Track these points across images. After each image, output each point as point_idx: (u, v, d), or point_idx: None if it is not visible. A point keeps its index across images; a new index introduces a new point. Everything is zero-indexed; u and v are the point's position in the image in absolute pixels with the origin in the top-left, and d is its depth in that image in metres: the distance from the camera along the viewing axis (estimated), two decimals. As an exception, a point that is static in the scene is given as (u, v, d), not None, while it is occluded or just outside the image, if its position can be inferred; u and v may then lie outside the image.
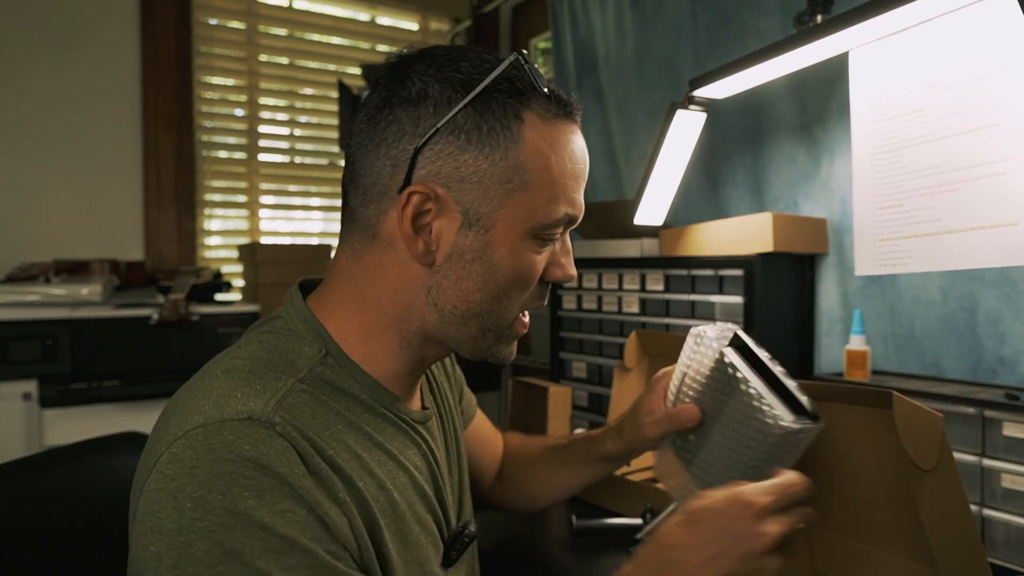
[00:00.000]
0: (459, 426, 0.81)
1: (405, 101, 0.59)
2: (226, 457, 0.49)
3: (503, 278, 0.61)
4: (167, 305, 1.93)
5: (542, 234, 0.62)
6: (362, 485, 0.56)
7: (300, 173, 2.71)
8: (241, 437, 0.50)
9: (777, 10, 1.49)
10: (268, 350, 0.60)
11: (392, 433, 0.64)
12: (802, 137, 1.46)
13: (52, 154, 2.25)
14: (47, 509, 0.80)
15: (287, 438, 0.52)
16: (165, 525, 0.48)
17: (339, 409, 0.59)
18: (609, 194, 2.05)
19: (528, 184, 0.59)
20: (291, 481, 0.50)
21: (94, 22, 2.30)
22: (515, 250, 0.61)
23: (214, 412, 0.52)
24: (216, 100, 2.57)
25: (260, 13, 2.61)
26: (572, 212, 0.63)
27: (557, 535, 1.14)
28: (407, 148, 0.59)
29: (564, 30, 2.20)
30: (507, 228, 0.60)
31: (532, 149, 0.59)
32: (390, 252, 0.62)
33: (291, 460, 0.51)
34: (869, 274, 1.26)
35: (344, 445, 0.57)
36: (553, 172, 0.60)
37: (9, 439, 1.77)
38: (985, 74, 1.06)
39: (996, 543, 0.97)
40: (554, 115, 0.61)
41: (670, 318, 1.50)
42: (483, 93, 0.58)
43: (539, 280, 0.65)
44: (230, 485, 0.48)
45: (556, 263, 0.65)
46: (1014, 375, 1.12)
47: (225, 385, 0.55)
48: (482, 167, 0.58)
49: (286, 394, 0.55)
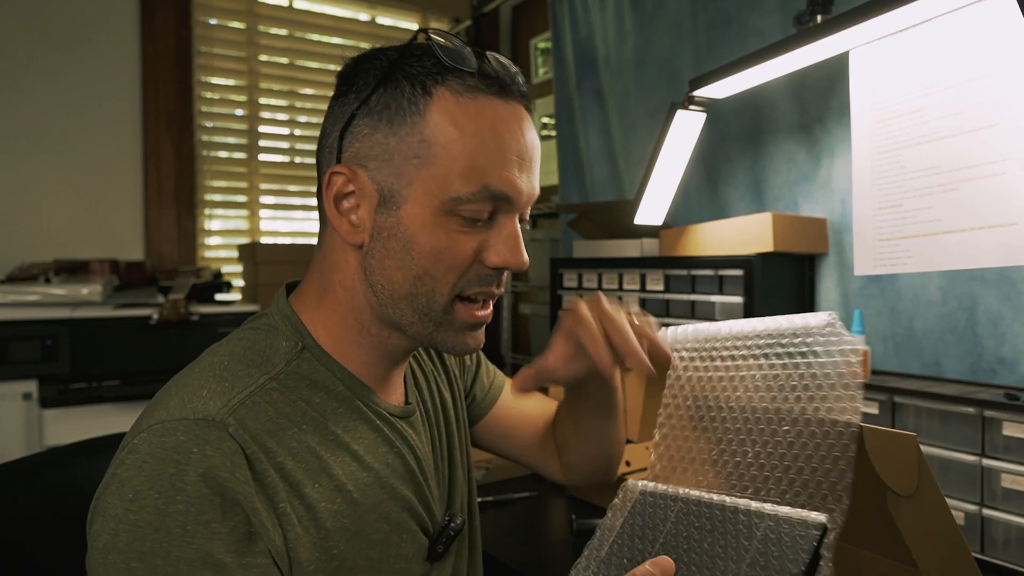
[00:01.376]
0: (457, 419, 0.80)
1: (339, 92, 0.63)
2: (172, 458, 0.51)
3: (419, 256, 0.60)
4: (167, 305, 1.93)
5: (460, 211, 0.59)
6: (313, 490, 0.57)
7: (300, 173, 2.71)
8: (191, 439, 0.52)
9: (777, 10, 1.49)
10: (247, 347, 0.62)
11: (362, 431, 0.64)
12: (802, 137, 1.46)
13: (52, 154, 2.25)
14: (47, 509, 0.80)
15: (238, 440, 0.53)
16: (108, 509, 0.51)
17: (308, 408, 0.60)
18: (609, 194, 2.05)
19: (435, 158, 0.58)
20: (229, 487, 0.51)
21: (94, 22, 2.31)
22: (429, 227, 0.59)
23: (176, 410, 0.54)
24: (216, 100, 2.57)
25: (260, 13, 2.61)
26: (497, 189, 0.59)
27: (557, 535, 1.14)
28: (333, 133, 0.62)
29: (564, 30, 2.20)
30: (418, 204, 0.59)
31: (439, 122, 0.58)
32: (335, 236, 0.64)
33: (235, 464, 0.52)
34: (869, 274, 1.26)
35: (305, 446, 0.58)
36: (466, 146, 0.58)
37: (9, 439, 1.77)
38: (985, 74, 1.06)
39: (996, 543, 0.97)
40: (477, 90, 0.60)
41: (670, 318, 1.50)
42: (394, 75, 0.60)
43: (479, 263, 0.62)
44: (168, 487, 0.50)
45: (490, 247, 0.61)
46: (1014, 375, 1.12)
47: (196, 382, 0.57)
48: (391, 144, 0.59)
49: (252, 393, 0.57)
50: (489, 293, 0.64)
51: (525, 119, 0.62)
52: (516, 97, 0.62)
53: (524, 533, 1.17)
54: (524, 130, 0.62)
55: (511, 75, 0.61)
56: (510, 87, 0.61)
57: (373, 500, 0.62)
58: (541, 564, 1.04)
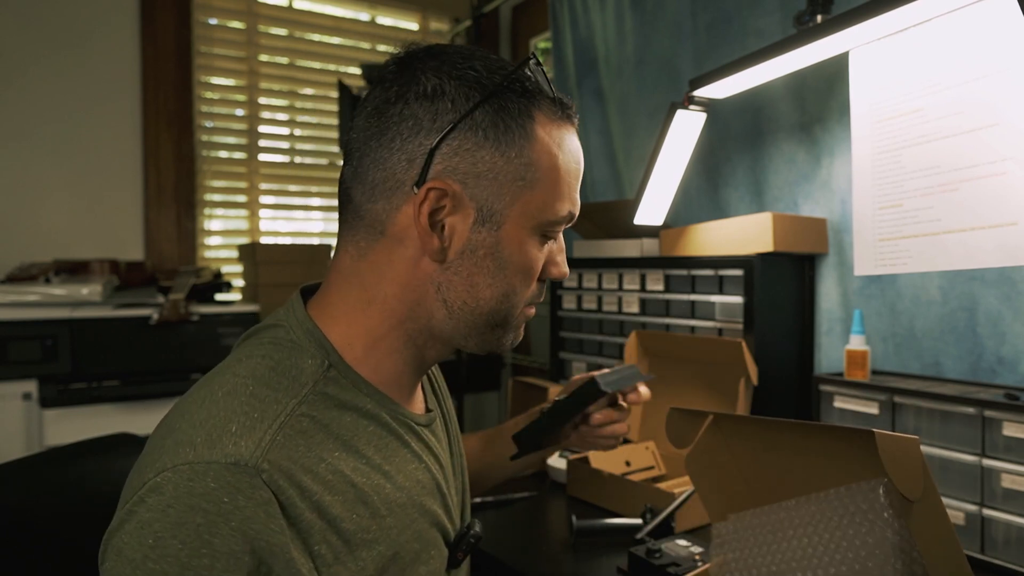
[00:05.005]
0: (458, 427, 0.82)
1: (421, 96, 0.59)
2: (201, 507, 0.48)
3: (511, 274, 0.62)
4: (167, 305, 1.93)
5: (547, 231, 0.64)
6: (350, 522, 0.56)
7: (300, 173, 2.71)
8: (223, 487, 0.49)
9: (777, 10, 1.49)
10: (271, 367, 0.59)
11: (393, 448, 0.63)
12: (802, 137, 1.46)
13: (52, 154, 2.25)
14: (47, 509, 0.80)
15: (272, 487, 0.51)
16: (125, 551, 0.48)
17: (339, 431, 0.58)
18: (609, 194, 2.05)
19: (538, 182, 0.61)
20: (259, 541, 0.49)
21: (94, 22, 2.30)
22: (523, 246, 0.62)
23: (204, 449, 0.51)
24: (216, 100, 2.57)
25: (260, 13, 2.61)
26: (574, 210, 0.65)
27: (557, 535, 1.14)
28: (424, 143, 0.59)
29: (564, 30, 2.20)
30: (517, 225, 0.61)
31: (542, 148, 0.61)
32: (399, 248, 0.61)
33: (269, 515, 0.50)
34: (869, 274, 1.26)
35: (340, 475, 0.56)
36: (560, 170, 0.62)
37: (9, 439, 1.77)
38: (985, 74, 1.06)
39: (996, 543, 0.97)
40: (559, 117, 0.63)
41: (670, 318, 1.50)
42: (498, 92, 0.59)
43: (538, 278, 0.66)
44: (194, 538, 0.47)
45: (553, 261, 0.67)
46: (1014, 375, 1.12)
47: (223, 412, 0.54)
48: (498, 164, 0.59)
49: (283, 425, 0.54)
50: (539, 302, 0.69)
51: (578, 140, 0.67)
52: (575, 121, 0.66)
53: (524, 533, 1.17)
54: (581, 152, 0.67)
55: (568, 101, 0.65)
56: (574, 114, 0.65)
57: (406, 521, 0.61)
58: (541, 564, 1.04)
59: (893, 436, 0.63)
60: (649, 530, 1.05)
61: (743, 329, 1.34)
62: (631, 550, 0.98)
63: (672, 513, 1.07)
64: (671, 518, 1.08)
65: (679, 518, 1.09)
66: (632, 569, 0.98)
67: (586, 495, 1.27)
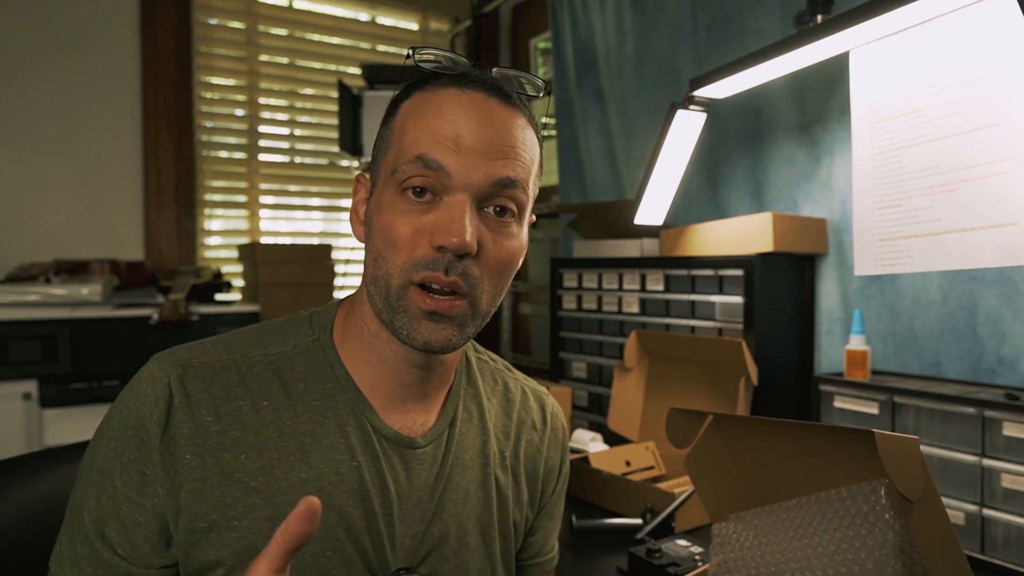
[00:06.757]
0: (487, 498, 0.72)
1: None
2: (132, 385, 0.61)
3: (376, 236, 0.62)
4: (167, 305, 1.93)
5: (404, 183, 0.59)
6: (234, 458, 0.60)
7: (300, 173, 2.71)
8: (150, 373, 0.61)
9: (777, 10, 1.49)
10: (271, 327, 0.68)
11: (328, 431, 0.62)
12: (802, 137, 1.46)
13: (52, 154, 2.25)
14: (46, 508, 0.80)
15: (171, 388, 0.60)
16: None
17: (282, 395, 0.63)
18: (609, 194, 2.05)
19: (392, 144, 0.63)
20: (143, 422, 0.59)
21: (94, 22, 2.30)
22: (385, 208, 0.61)
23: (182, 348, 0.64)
24: (216, 100, 2.57)
25: (260, 13, 2.61)
26: (431, 158, 0.58)
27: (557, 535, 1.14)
28: None
29: (564, 30, 2.20)
30: (380, 188, 0.63)
31: (401, 114, 0.64)
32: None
33: (157, 408, 0.59)
34: (869, 274, 1.26)
35: (246, 419, 0.61)
36: (414, 126, 0.61)
37: (9, 439, 1.77)
38: (985, 74, 1.06)
39: (996, 543, 0.97)
40: (440, 86, 0.62)
41: (670, 318, 1.50)
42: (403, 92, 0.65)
43: (426, 247, 0.59)
44: (120, 405, 0.61)
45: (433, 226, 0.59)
46: (1014, 375, 1.12)
47: (216, 337, 0.66)
48: (378, 145, 0.66)
49: (229, 360, 0.63)
50: (435, 279, 0.58)
51: (484, 104, 0.61)
52: (479, 87, 0.61)
53: (524, 533, 1.17)
54: (475, 112, 0.60)
55: (485, 73, 0.62)
56: (469, 76, 0.61)
57: (301, 496, 0.54)
58: (541, 564, 1.03)
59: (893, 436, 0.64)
60: (649, 530, 1.05)
61: (743, 329, 1.34)
62: (631, 550, 0.98)
63: (672, 513, 1.07)
64: (671, 518, 1.08)
65: (679, 518, 1.09)
66: (632, 569, 0.98)
67: (586, 495, 1.27)
